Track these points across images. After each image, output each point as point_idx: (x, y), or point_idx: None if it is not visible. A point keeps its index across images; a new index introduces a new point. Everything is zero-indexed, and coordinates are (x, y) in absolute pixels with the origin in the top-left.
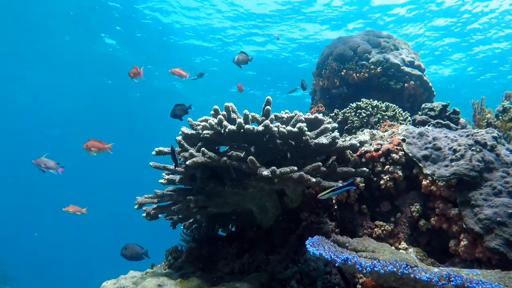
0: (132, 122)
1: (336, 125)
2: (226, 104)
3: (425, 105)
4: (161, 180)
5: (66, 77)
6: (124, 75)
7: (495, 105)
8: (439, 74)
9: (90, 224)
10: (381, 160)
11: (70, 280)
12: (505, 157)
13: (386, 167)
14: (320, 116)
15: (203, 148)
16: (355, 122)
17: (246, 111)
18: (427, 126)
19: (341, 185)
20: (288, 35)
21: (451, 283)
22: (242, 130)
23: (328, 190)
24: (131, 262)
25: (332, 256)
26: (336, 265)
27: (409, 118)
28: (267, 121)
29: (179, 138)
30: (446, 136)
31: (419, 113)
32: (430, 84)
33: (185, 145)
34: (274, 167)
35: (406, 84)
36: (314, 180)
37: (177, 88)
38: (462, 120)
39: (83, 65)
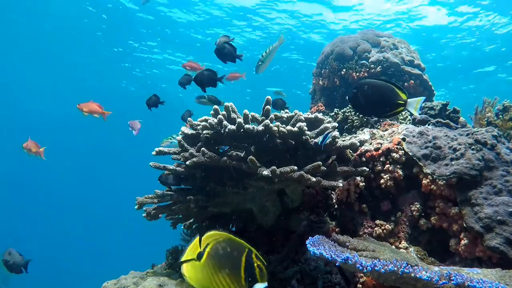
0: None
1: (336, 124)
2: (226, 104)
3: (425, 104)
4: None
5: (63, 76)
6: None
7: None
8: None
9: (90, 225)
10: (381, 159)
11: (70, 281)
12: (505, 155)
13: (386, 166)
14: (320, 115)
15: (203, 148)
16: (355, 121)
17: (246, 111)
18: (427, 125)
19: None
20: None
21: (452, 282)
22: (242, 130)
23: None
24: (132, 263)
25: (333, 256)
26: (337, 264)
27: (409, 117)
28: (267, 121)
29: (179, 138)
30: (446, 135)
31: (419, 112)
32: (430, 83)
33: (185, 145)
34: (274, 167)
35: (406, 83)
36: (314, 179)
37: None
38: (462, 119)
39: (79, 62)
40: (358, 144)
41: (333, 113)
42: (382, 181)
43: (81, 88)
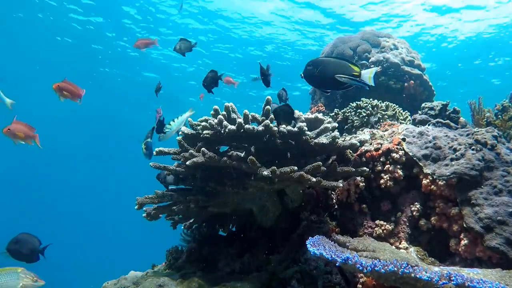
0: (131, 122)
1: (336, 124)
2: (226, 104)
3: (425, 104)
4: None
5: (61, 75)
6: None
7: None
8: None
9: (90, 225)
10: (381, 159)
11: (70, 281)
12: (505, 156)
13: (386, 166)
14: (320, 115)
15: (203, 148)
16: (355, 121)
17: (246, 111)
18: (427, 125)
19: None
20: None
21: (452, 282)
22: (242, 130)
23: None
24: (132, 263)
25: (333, 256)
26: (337, 264)
27: (409, 117)
28: (267, 121)
29: (179, 138)
30: (446, 135)
31: (419, 112)
32: (430, 83)
33: (185, 145)
34: (274, 167)
35: (406, 84)
36: (314, 179)
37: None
38: (462, 119)
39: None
40: (358, 144)
41: (333, 114)
42: (382, 181)
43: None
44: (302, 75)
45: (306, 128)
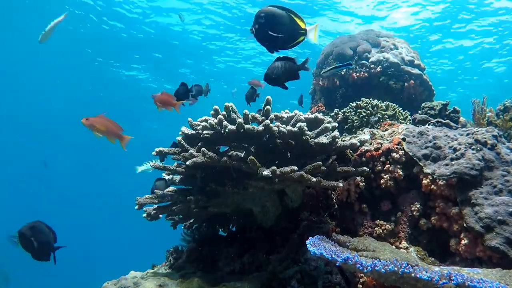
0: (132, 122)
1: (336, 124)
2: (226, 104)
3: (425, 104)
4: None
5: (61, 75)
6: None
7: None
8: None
9: (90, 225)
10: (381, 159)
11: (70, 281)
12: (506, 155)
13: (387, 166)
14: (320, 115)
15: (203, 148)
16: (355, 121)
17: (246, 111)
18: (427, 125)
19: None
20: None
21: (452, 282)
22: (242, 130)
23: (329, 68)
24: (132, 263)
25: (333, 256)
26: (337, 264)
27: (409, 117)
28: (267, 121)
29: (179, 138)
30: (446, 135)
31: (419, 112)
32: (430, 83)
33: (185, 145)
34: (274, 167)
35: (406, 83)
36: (314, 179)
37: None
38: (462, 119)
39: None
40: (358, 144)
41: (333, 113)
42: (382, 181)
43: (78, 86)
44: (253, 29)
45: (306, 128)
